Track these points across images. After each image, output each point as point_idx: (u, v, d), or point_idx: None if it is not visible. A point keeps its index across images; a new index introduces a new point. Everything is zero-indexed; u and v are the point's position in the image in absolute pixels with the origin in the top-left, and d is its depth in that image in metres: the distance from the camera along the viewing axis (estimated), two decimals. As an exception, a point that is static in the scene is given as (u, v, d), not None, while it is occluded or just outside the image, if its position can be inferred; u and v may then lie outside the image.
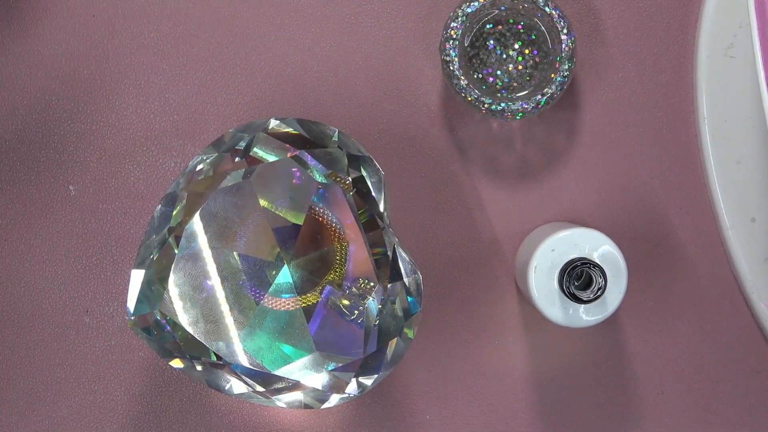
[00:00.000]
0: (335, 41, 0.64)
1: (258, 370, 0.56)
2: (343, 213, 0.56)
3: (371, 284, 0.56)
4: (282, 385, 0.56)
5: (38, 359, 0.64)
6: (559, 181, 0.64)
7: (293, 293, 0.56)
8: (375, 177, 0.57)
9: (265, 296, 0.56)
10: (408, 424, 0.65)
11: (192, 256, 0.56)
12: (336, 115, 0.64)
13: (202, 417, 0.65)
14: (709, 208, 0.64)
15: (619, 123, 0.64)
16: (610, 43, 0.64)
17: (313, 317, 0.56)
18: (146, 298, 0.56)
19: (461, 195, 0.64)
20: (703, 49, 0.63)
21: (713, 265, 0.64)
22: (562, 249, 0.57)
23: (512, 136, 0.64)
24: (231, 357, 0.56)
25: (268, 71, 0.64)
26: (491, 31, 0.62)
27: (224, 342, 0.56)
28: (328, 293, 0.56)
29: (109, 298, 0.64)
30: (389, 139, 0.64)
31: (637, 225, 0.64)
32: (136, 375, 0.65)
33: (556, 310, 0.58)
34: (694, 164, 0.64)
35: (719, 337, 0.65)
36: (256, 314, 0.56)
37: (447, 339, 0.64)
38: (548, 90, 0.59)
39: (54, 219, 0.64)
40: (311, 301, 0.56)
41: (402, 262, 0.56)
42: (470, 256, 0.64)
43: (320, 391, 0.56)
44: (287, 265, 0.56)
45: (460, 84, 0.59)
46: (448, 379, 0.65)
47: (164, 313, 0.56)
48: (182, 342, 0.56)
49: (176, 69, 0.64)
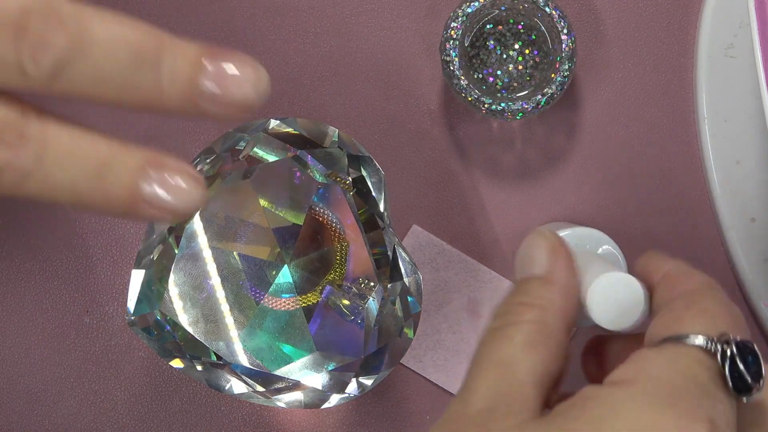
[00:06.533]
0: (335, 41, 0.64)
1: (258, 370, 0.56)
2: (343, 213, 0.56)
3: (371, 284, 0.56)
4: (282, 385, 0.56)
5: (38, 359, 0.64)
6: (559, 181, 0.64)
7: (293, 293, 0.56)
8: (375, 177, 0.57)
9: (265, 296, 0.56)
10: (408, 424, 0.65)
11: (192, 256, 0.56)
12: (336, 115, 0.64)
13: (202, 417, 0.65)
14: (709, 208, 0.64)
15: (619, 123, 0.64)
16: (610, 43, 0.64)
17: (313, 317, 0.56)
18: (146, 298, 0.56)
19: (461, 195, 0.64)
20: (703, 49, 0.63)
21: (713, 265, 0.64)
22: (562, 249, 0.57)
23: (512, 136, 0.64)
24: (231, 357, 0.56)
25: (267, 71, 0.64)
26: (491, 31, 0.62)
27: (224, 342, 0.56)
28: (328, 293, 0.56)
29: (109, 298, 0.64)
30: (389, 139, 0.64)
31: (637, 225, 0.64)
32: (136, 375, 0.65)
33: (556, 310, 0.58)
34: (694, 164, 0.64)
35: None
36: (256, 314, 0.56)
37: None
38: (548, 90, 0.59)
39: (54, 219, 0.64)
40: (311, 301, 0.56)
41: (402, 262, 0.56)
42: (470, 256, 0.64)
43: (320, 391, 0.56)
44: (287, 265, 0.56)
45: (461, 84, 0.59)
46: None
47: (164, 313, 0.56)
48: (182, 342, 0.56)
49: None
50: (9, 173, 0.37)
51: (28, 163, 0.37)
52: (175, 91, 0.38)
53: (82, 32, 0.37)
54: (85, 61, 0.38)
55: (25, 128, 0.38)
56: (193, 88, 0.38)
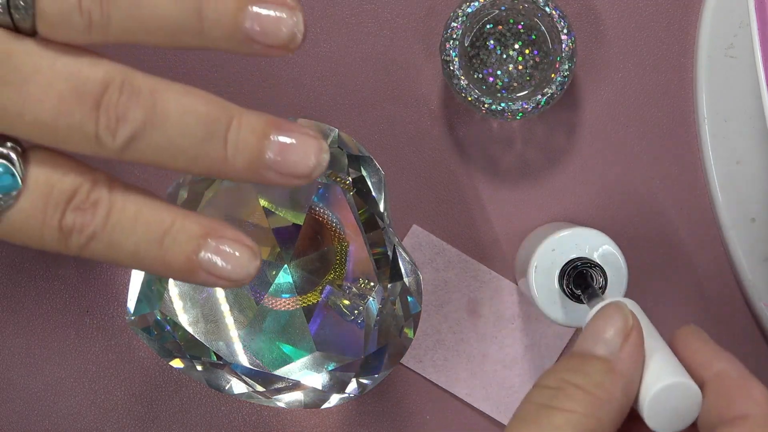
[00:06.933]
0: (335, 41, 0.64)
1: (258, 370, 0.56)
2: (343, 213, 0.56)
3: (371, 284, 0.56)
4: (282, 385, 0.56)
5: (38, 359, 0.64)
6: (559, 181, 0.64)
7: (293, 293, 0.56)
8: (375, 177, 0.57)
9: (265, 296, 0.56)
10: (408, 424, 0.65)
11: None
12: (336, 115, 0.64)
13: (202, 417, 0.65)
14: (709, 208, 0.64)
15: (619, 123, 0.64)
16: (610, 43, 0.64)
17: (313, 317, 0.56)
18: (146, 298, 0.56)
19: (461, 195, 0.64)
20: (703, 49, 0.63)
21: (713, 265, 0.64)
22: (562, 249, 0.57)
23: (512, 136, 0.64)
24: (231, 357, 0.56)
25: (267, 71, 0.64)
26: (491, 31, 0.62)
27: (224, 342, 0.56)
28: (328, 293, 0.56)
29: (109, 298, 0.64)
30: (389, 139, 0.64)
31: (637, 225, 0.64)
32: (136, 375, 0.65)
33: (557, 310, 0.58)
34: (694, 164, 0.64)
35: (719, 337, 0.65)
36: (256, 314, 0.56)
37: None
38: (548, 90, 0.59)
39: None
40: (311, 301, 0.56)
41: (402, 262, 0.56)
42: (470, 256, 0.64)
43: (320, 391, 0.56)
44: (287, 265, 0.56)
45: (461, 84, 0.59)
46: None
47: (164, 313, 0.56)
48: (182, 342, 0.56)
49: (176, 70, 0.64)
50: (76, 235, 0.40)
51: (95, 227, 0.40)
52: (239, 160, 0.41)
53: (156, 106, 0.40)
54: (157, 134, 0.40)
55: (95, 194, 0.40)
56: (257, 160, 0.41)
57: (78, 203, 0.40)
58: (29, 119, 0.39)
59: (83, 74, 0.39)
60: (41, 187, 0.40)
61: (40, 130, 0.39)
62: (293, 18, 0.40)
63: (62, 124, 0.39)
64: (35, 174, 0.40)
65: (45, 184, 0.40)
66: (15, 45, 0.39)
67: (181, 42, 0.40)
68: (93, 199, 0.40)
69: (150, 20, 0.39)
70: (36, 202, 0.40)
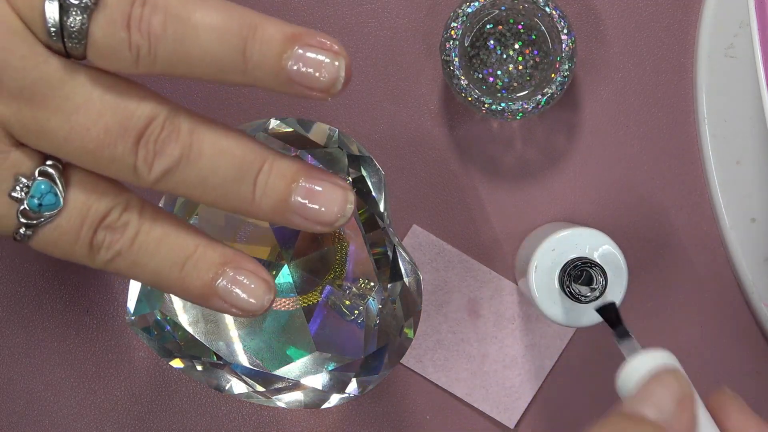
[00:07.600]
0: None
1: (258, 370, 0.56)
2: (343, 213, 0.56)
3: (371, 284, 0.56)
4: (282, 385, 0.56)
5: (38, 359, 0.64)
6: (559, 181, 0.64)
7: (293, 293, 0.56)
8: (375, 177, 0.57)
9: (265, 296, 0.56)
10: (408, 424, 0.65)
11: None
12: (336, 115, 0.64)
13: (202, 417, 0.65)
14: (709, 208, 0.64)
15: (619, 123, 0.64)
16: (610, 43, 0.64)
17: (313, 317, 0.56)
18: (146, 298, 0.56)
19: (461, 195, 0.64)
20: (703, 49, 0.63)
21: (713, 265, 0.64)
22: (562, 249, 0.57)
23: (512, 136, 0.64)
24: (231, 357, 0.56)
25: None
26: (491, 31, 0.62)
27: (224, 342, 0.56)
28: (328, 293, 0.56)
29: (109, 298, 0.64)
30: (389, 139, 0.64)
31: (637, 225, 0.64)
32: (136, 375, 0.65)
33: (557, 310, 0.58)
34: (694, 164, 0.64)
35: (719, 337, 0.65)
36: (256, 314, 0.56)
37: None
38: (548, 90, 0.59)
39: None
40: (311, 301, 0.56)
41: (402, 262, 0.56)
42: (470, 256, 0.64)
43: (320, 391, 0.56)
44: (287, 265, 0.56)
45: (461, 84, 0.59)
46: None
47: (164, 313, 0.56)
48: (182, 342, 0.56)
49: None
50: (104, 252, 0.43)
51: (121, 246, 0.43)
52: (266, 203, 0.43)
53: (193, 145, 0.42)
54: (191, 170, 0.42)
55: (126, 217, 0.43)
56: (283, 203, 0.43)
57: (109, 223, 0.43)
58: (75, 146, 0.41)
59: (130, 109, 0.42)
60: (79, 207, 0.43)
61: (83, 156, 0.42)
62: (335, 63, 0.43)
63: (105, 154, 0.42)
64: (75, 195, 0.43)
65: (83, 205, 0.43)
66: (68, 74, 0.41)
67: (225, 78, 0.42)
68: (124, 221, 0.43)
69: (195, 58, 0.41)
70: (73, 222, 0.43)
